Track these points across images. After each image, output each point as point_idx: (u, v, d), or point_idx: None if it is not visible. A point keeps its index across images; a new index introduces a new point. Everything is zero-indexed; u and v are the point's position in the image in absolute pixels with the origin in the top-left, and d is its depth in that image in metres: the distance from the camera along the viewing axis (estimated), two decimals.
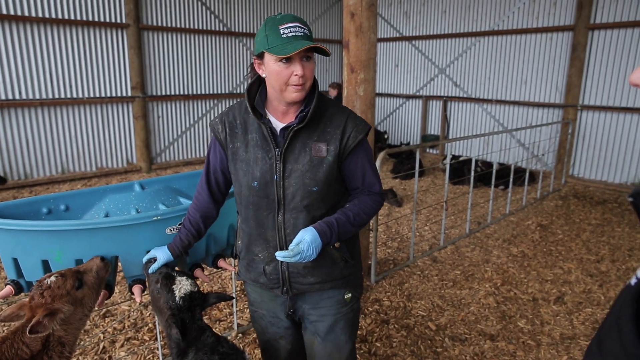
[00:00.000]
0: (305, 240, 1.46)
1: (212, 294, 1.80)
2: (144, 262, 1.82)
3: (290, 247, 1.47)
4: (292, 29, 1.42)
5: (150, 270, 1.77)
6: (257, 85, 1.63)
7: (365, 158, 1.63)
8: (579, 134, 7.80)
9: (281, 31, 1.42)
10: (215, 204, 1.79)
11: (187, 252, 1.83)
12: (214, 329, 1.78)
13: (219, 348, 1.68)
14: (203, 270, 2.14)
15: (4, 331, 3.23)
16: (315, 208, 1.60)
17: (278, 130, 1.58)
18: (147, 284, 1.84)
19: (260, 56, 1.51)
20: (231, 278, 3.95)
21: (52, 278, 1.60)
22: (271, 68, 1.47)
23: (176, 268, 1.93)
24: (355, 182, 1.65)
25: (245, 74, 9.71)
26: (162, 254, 1.77)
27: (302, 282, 1.68)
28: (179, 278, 1.73)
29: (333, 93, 8.28)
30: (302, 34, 1.44)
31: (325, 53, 1.46)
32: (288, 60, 1.44)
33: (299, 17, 1.48)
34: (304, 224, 1.59)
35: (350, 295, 1.77)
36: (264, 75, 1.54)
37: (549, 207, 6.40)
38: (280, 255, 1.45)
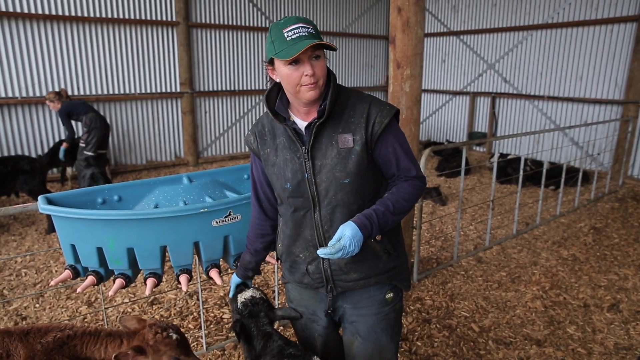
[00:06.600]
0: (347, 236, 1.43)
1: (280, 309, 1.92)
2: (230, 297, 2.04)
3: (331, 243, 1.43)
4: (295, 31, 1.41)
5: (230, 295, 2.02)
6: (277, 90, 1.64)
7: (396, 142, 1.58)
8: None
9: (285, 34, 1.41)
10: (269, 220, 1.81)
11: (256, 272, 1.97)
12: None
13: (285, 351, 1.75)
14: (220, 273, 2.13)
15: (18, 323, 3.43)
16: (352, 201, 1.57)
17: (303, 129, 1.58)
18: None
19: (271, 62, 1.51)
20: (274, 271, 4.02)
21: (175, 335, 1.79)
22: (282, 72, 1.47)
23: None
24: (390, 168, 1.61)
25: None
26: (233, 280, 1.99)
27: (345, 280, 1.67)
28: (246, 289, 1.94)
29: (54, 107, 5.96)
30: (306, 33, 1.42)
31: (330, 48, 1.45)
32: (296, 62, 1.43)
33: (303, 17, 1.46)
34: (341, 218, 1.57)
35: (391, 295, 1.74)
36: (277, 80, 1.56)
37: (603, 209, 6.07)
38: (322, 252, 1.42)
